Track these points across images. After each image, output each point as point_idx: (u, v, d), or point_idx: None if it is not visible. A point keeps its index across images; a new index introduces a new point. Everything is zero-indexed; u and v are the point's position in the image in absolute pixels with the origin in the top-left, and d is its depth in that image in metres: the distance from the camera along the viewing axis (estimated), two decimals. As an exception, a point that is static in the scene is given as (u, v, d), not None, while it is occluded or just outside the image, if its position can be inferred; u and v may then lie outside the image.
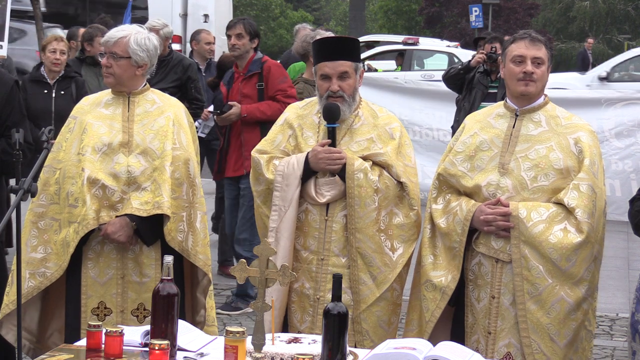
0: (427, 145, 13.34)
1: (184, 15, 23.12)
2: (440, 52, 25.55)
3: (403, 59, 24.47)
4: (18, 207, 4.79)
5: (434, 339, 5.07)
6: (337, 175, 5.26)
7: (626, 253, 11.14)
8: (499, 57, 9.83)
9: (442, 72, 11.06)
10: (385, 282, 5.25)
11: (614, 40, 41.66)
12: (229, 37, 8.60)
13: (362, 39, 27.59)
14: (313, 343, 4.26)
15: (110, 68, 5.34)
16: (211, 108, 10.85)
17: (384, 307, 5.30)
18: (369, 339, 5.23)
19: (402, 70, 23.92)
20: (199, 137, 10.84)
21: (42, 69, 9.24)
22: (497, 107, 5.21)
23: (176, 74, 10.15)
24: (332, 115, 5.25)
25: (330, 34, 8.69)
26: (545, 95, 5.14)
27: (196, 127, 10.71)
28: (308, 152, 5.26)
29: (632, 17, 42.41)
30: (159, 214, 5.24)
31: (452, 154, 5.16)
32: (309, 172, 5.26)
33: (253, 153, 5.44)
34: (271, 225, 5.29)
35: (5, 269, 6.11)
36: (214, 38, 11.71)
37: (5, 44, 10.55)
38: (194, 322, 5.20)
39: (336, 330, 3.95)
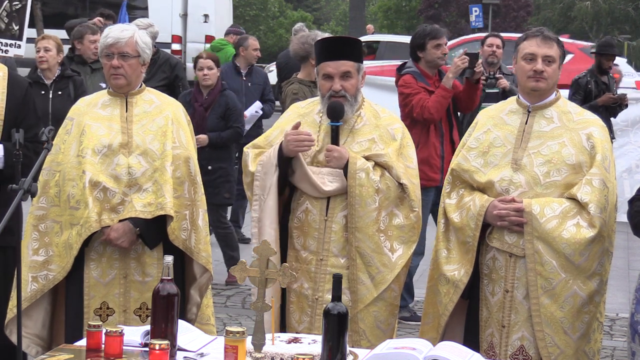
0: None
1: (184, 15, 23.14)
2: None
3: None
4: (18, 208, 4.78)
5: (448, 333, 5.16)
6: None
7: (626, 253, 11.16)
8: (498, 81, 10.05)
9: None
10: (383, 282, 5.25)
11: (614, 40, 41.66)
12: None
13: (362, 39, 27.55)
14: (313, 343, 4.27)
15: (121, 68, 5.32)
16: (248, 112, 10.94)
17: (382, 307, 5.29)
18: (365, 339, 5.23)
19: None
20: None
21: (38, 70, 9.25)
22: (510, 103, 5.26)
23: (164, 72, 10.17)
24: (336, 113, 5.26)
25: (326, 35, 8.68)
26: (557, 91, 5.19)
27: None
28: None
29: (633, 17, 42.42)
30: (161, 215, 5.24)
31: (465, 150, 5.22)
32: (286, 160, 5.24)
33: (245, 148, 5.47)
34: (253, 215, 5.31)
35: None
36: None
37: (23, 43, 10.63)
38: (184, 320, 5.20)
39: (336, 330, 3.95)
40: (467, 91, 8.33)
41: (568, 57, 20.76)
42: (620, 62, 24.75)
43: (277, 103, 11.73)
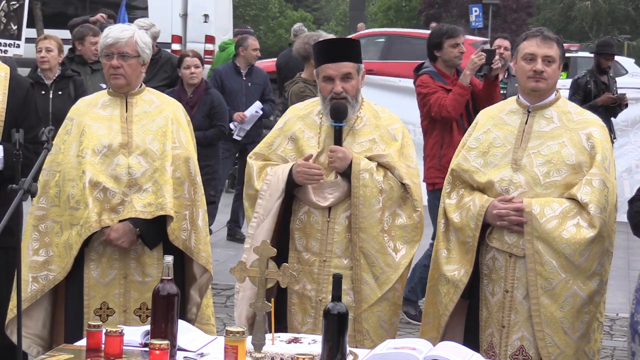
0: (421, 144, 13.28)
1: (184, 15, 23.12)
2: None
3: (566, 68, 23.15)
4: (18, 208, 4.78)
5: (449, 333, 5.16)
6: (339, 177, 5.26)
7: (626, 253, 11.16)
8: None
9: None
10: (387, 282, 5.26)
11: (614, 40, 41.64)
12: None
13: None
14: (313, 343, 4.27)
15: (121, 69, 5.31)
16: (248, 112, 10.94)
17: (385, 307, 5.30)
18: (369, 338, 5.24)
19: (568, 77, 22.92)
20: (235, 140, 11.01)
21: (38, 70, 9.25)
22: (510, 103, 5.25)
23: (165, 72, 10.18)
24: (340, 114, 5.25)
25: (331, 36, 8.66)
26: (557, 91, 5.18)
27: (231, 130, 10.90)
28: (293, 164, 5.27)
29: (633, 17, 42.43)
30: (161, 215, 5.24)
31: (465, 150, 5.22)
32: (293, 184, 5.26)
33: (249, 157, 5.46)
34: (249, 232, 5.32)
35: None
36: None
37: (22, 43, 10.65)
38: (184, 320, 5.21)
39: (336, 330, 3.95)
40: (486, 89, 8.22)
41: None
42: (629, 62, 24.65)
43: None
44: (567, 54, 24.88)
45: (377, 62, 20.77)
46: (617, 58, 24.90)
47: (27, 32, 11.08)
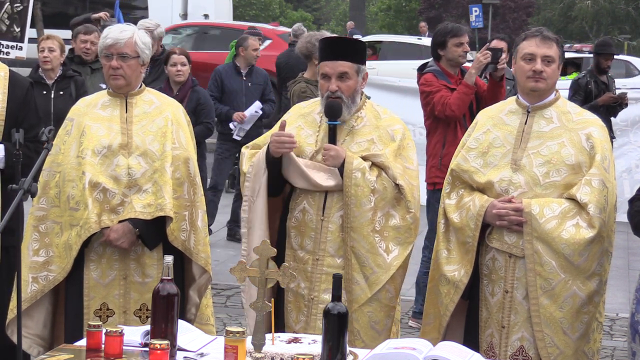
0: (421, 144, 13.24)
1: (184, 15, 23.15)
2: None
3: (578, 69, 22.71)
4: (19, 207, 4.78)
5: (449, 333, 5.16)
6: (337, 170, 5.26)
7: (626, 253, 11.16)
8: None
9: None
10: (377, 283, 5.23)
11: (614, 40, 41.61)
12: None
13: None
14: (313, 343, 4.27)
15: (120, 69, 5.31)
16: (248, 112, 10.95)
17: (376, 308, 5.28)
18: (360, 339, 5.22)
19: None
20: (235, 140, 11.00)
21: (39, 70, 9.25)
22: (509, 103, 5.25)
23: None
24: (333, 112, 5.25)
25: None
26: (557, 91, 5.18)
27: (231, 130, 10.88)
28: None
29: (633, 17, 42.43)
30: (161, 216, 5.24)
31: (465, 150, 5.21)
32: (275, 162, 5.24)
33: (244, 147, 5.48)
34: (243, 216, 5.32)
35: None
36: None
37: (25, 45, 10.63)
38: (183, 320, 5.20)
39: (336, 330, 3.95)
40: (491, 89, 8.13)
41: (266, 43, 20.64)
42: (638, 63, 24.55)
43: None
44: (578, 55, 24.68)
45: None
46: (628, 58, 24.84)
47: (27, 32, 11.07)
